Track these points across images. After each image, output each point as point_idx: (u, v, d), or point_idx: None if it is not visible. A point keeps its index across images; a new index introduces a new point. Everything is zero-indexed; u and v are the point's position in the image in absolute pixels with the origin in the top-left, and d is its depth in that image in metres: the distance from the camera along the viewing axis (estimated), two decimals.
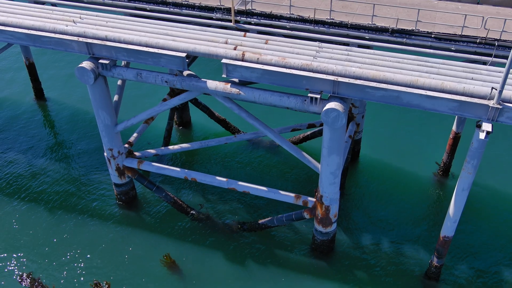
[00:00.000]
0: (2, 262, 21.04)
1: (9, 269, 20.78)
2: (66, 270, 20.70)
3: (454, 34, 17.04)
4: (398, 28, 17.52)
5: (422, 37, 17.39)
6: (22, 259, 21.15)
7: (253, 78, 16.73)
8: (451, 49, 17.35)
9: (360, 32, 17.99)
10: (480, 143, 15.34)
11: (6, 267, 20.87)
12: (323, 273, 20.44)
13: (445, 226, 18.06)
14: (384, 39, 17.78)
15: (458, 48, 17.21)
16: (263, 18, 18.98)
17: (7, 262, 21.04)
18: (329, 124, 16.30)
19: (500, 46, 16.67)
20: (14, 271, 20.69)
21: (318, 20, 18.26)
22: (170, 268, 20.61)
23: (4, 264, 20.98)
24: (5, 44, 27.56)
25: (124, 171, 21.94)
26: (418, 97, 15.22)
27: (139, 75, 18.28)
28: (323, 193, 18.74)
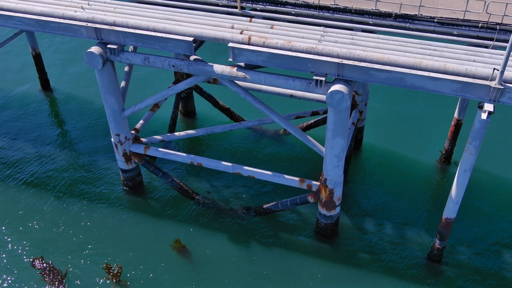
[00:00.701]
0: (13, 246, 21.38)
1: (19, 253, 21.11)
2: (76, 254, 21.03)
3: (456, 19, 17.33)
4: (402, 13, 17.81)
5: (425, 22, 17.67)
6: (32, 244, 21.49)
7: (259, 61, 17.04)
8: (453, 34, 17.63)
9: (364, 18, 18.28)
10: (482, 123, 15.65)
11: (17, 251, 21.20)
12: (327, 256, 20.78)
13: (447, 208, 18.38)
14: (388, 24, 18.06)
15: (461, 33, 17.50)
16: (268, 4, 19.25)
17: (18, 247, 21.38)
18: (333, 106, 16.61)
19: (501, 30, 16.95)
20: (23, 255, 21.02)
21: (322, 6, 18.55)
22: (180, 253, 20.93)
23: (15, 249, 21.32)
24: (12, 34, 27.98)
25: (131, 157, 22.26)
26: (422, 79, 15.55)
27: (146, 59, 18.61)
28: (327, 176, 19.05)
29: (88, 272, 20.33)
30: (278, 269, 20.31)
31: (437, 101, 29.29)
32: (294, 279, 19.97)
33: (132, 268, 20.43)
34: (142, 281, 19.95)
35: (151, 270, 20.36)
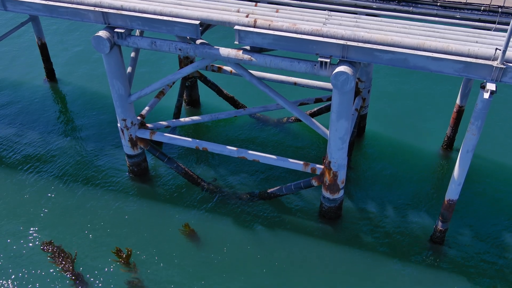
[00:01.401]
0: (21, 231, 21.66)
1: (28, 238, 21.37)
2: (84, 238, 21.27)
3: (459, 2, 17.59)
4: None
5: (428, 6, 17.92)
6: (40, 229, 21.74)
7: (264, 44, 17.32)
8: (456, 17, 17.88)
9: (368, 2, 18.51)
10: (484, 103, 15.92)
11: (26, 236, 21.46)
12: (330, 238, 21.08)
13: (449, 189, 18.65)
14: (391, 8, 18.30)
15: (463, 16, 17.74)
16: None
17: (26, 231, 21.64)
18: (338, 87, 16.89)
19: (503, 13, 17.19)
20: (32, 239, 21.31)
21: None
22: (189, 237, 21.19)
23: (23, 233, 21.57)
24: (19, 23, 28.30)
25: (137, 142, 22.54)
26: (425, 59, 15.82)
27: (153, 43, 18.89)
28: (331, 159, 19.33)
29: (97, 255, 20.59)
30: (283, 250, 20.61)
31: (440, 87, 29.65)
32: (300, 259, 20.26)
33: (141, 252, 20.69)
34: (152, 265, 20.20)
35: (160, 254, 20.61)
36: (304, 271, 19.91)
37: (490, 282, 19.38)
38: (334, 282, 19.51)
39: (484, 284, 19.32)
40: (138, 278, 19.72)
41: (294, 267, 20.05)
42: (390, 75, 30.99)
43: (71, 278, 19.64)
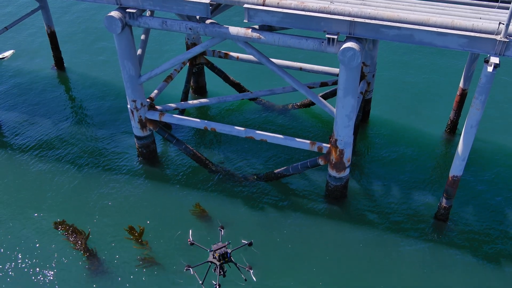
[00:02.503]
0: (34, 212, 22.08)
1: (40, 219, 21.80)
2: (96, 219, 21.67)
3: None
4: None
5: None
6: (52, 210, 22.16)
7: (273, 22, 17.76)
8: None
9: None
10: (488, 77, 16.35)
11: (39, 216, 21.90)
12: (336, 216, 21.49)
13: (454, 165, 19.06)
14: None
15: None
16: None
17: (39, 213, 22.08)
18: (345, 63, 17.32)
19: None
20: (45, 219, 21.73)
21: None
22: (200, 217, 21.58)
23: (36, 214, 22.01)
24: (29, 11, 28.78)
25: (146, 124, 22.96)
26: (430, 35, 16.25)
27: (164, 23, 19.34)
28: (337, 136, 19.75)
29: (109, 233, 20.98)
30: (292, 230, 21.04)
31: (443, 71, 30.27)
32: (308, 238, 20.71)
33: (153, 231, 21.10)
34: (164, 243, 20.59)
35: (172, 232, 21.00)
36: (313, 249, 20.29)
37: (494, 257, 19.77)
38: (342, 260, 19.89)
39: (488, 259, 19.71)
40: (150, 255, 20.11)
41: (303, 244, 20.44)
42: (395, 60, 31.57)
43: (84, 254, 20.05)
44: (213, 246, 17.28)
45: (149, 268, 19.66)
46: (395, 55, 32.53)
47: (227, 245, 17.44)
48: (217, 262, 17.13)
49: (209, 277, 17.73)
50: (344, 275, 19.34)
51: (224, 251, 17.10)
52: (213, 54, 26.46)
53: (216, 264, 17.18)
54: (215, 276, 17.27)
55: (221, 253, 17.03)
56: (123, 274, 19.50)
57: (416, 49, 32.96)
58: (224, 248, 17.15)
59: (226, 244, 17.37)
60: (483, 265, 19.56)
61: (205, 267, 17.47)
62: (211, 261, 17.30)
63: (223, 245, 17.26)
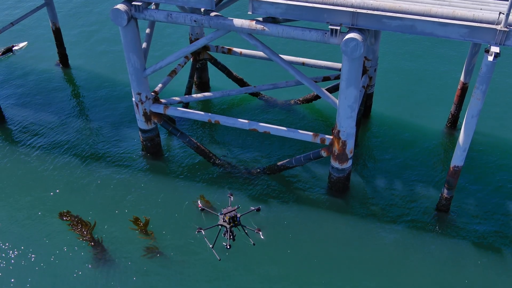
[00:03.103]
0: (41, 205, 22.35)
1: (47, 210, 22.07)
2: (101, 211, 21.88)
3: None
4: None
5: None
6: (57, 201, 22.42)
7: (277, 13, 18.06)
8: None
9: None
10: (489, 66, 16.61)
11: (45, 208, 22.16)
12: (339, 209, 21.73)
13: (455, 155, 19.29)
14: None
15: None
16: None
17: (45, 205, 22.33)
18: (348, 54, 17.60)
19: None
20: (51, 210, 21.99)
21: None
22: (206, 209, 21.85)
23: (43, 206, 22.27)
24: (34, 8, 29.11)
25: (151, 117, 23.23)
26: (431, 25, 16.54)
27: (169, 15, 19.63)
28: (340, 127, 20.00)
29: (115, 224, 21.19)
30: (296, 222, 21.26)
31: (444, 65, 30.65)
32: (309, 229, 20.92)
33: (157, 222, 21.33)
34: (169, 234, 20.81)
35: (177, 224, 21.24)
36: (315, 240, 20.50)
37: (495, 247, 19.99)
38: (345, 251, 20.10)
39: (489, 249, 19.92)
40: (155, 245, 20.33)
41: (308, 236, 20.68)
42: (396, 54, 31.93)
43: (89, 244, 20.29)
44: (223, 210, 18.40)
45: (155, 258, 19.88)
46: (396, 48, 32.93)
47: (236, 209, 18.48)
48: (227, 225, 18.24)
49: (219, 241, 18.47)
50: (345, 266, 19.56)
51: (234, 214, 18.22)
52: (217, 49, 26.75)
53: (226, 227, 18.25)
54: (224, 241, 18.01)
55: (231, 216, 18.16)
56: (129, 264, 19.72)
57: (417, 41, 33.45)
58: (233, 212, 18.26)
59: (235, 208, 18.43)
60: (485, 255, 19.73)
61: (214, 238, 18.31)
62: (221, 224, 18.43)
63: (233, 209, 18.35)
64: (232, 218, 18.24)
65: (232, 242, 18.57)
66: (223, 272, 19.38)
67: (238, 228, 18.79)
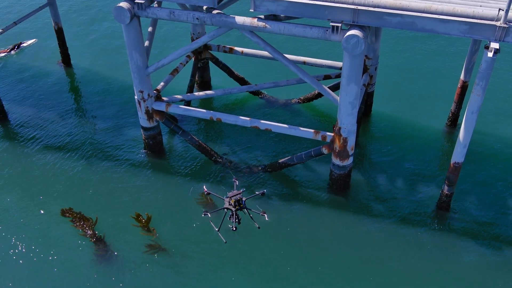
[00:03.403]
0: (43, 200, 22.56)
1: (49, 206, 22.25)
2: (102, 208, 22.01)
3: None
4: None
5: None
6: (59, 199, 22.58)
7: (278, 10, 18.22)
8: None
9: None
10: (489, 62, 16.76)
11: (47, 205, 22.35)
12: (340, 207, 21.86)
13: (455, 152, 19.42)
14: None
15: None
16: None
17: (48, 202, 22.52)
18: (349, 50, 17.75)
19: None
20: (53, 207, 22.13)
21: None
22: (206, 205, 21.95)
23: (44, 202, 22.48)
24: (37, 7, 29.32)
25: (153, 115, 23.37)
26: (432, 22, 16.70)
27: (172, 13, 19.81)
28: (341, 124, 20.14)
29: (117, 221, 21.31)
30: (296, 219, 21.40)
31: (444, 64, 31.04)
32: (310, 226, 21.07)
33: (159, 219, 21.47)
34: (171, 230, 20.96)
35: (179, 220, 21.39)
36: (317, 239, 20.61)
37: (495, 245, 20.09)
38: (345, 250, 20.20)
39: (489, 247, 20.03)
40: (157, 242, 20.45)
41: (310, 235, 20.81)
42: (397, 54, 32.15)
43: (91, 240, 20.41)
44: (229, 193, 18.94)
45: (156, 254, 20.00)
46: (396, 46, 33.17)
47: (242, 193, 19.03)
48: (232, 208, 18.70)
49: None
50: (345, 264, 19.66)
51: (239, 198, 18.74)
52: (218, 49, 26.93)
53: (232, 210, 18.69)
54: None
55: (237, 199, 18.67)
56: (131, 260, 19.84)
57: (418, 40, 33.75)
58: (239, 195, 18.77)
59: (241, 191, 18.94)
60: (485, 252, 19.83)
61: (220, 221, 18.96)
62: (227, 208, 18.89)
63: (238, 192, 18.87)
64: (238, 201, 18.75)
65: (236, 231, 18.72)
66: (225, 268, 19.59)
67: (244, 211, 19.17)
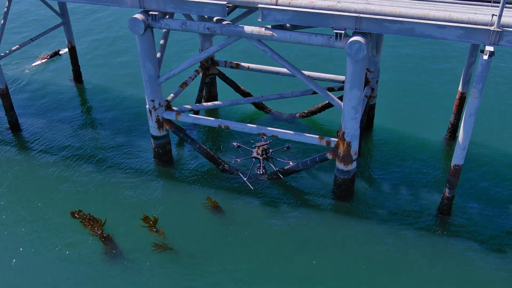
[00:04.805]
0: (56, 203, 23.28)
1: (59, 210, 22.93)
2: (112, 211, 22.76)
3: None
4: None
5: None
6: (70, 203, 23.29)
7: (285, 20, 19.35)
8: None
9: None
10: (484, 66, 17.71)
11: (57, 208, 23.08)
12: (345, 213, 22.50)
13: (455, 154, 20.17)
14: None
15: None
16: None
17: (58, 205, 23.27)
18: (352, 56, 18.77)
19: None
20: (63, 210, 22.78)
21: None
22: (213, 210, 22.64)
23: (56, 205, 23.19)
24: (52, 26, 30.67)
25: (163, 124, 24.26)
26: (430, 27, 17.76)
27: (184, 24, 20.96)
28: (345, 129, 20.98)
29: (125, 222, 22.07)
30: (302, 225, 22.01)
31: (443, 77, 32.29)
32: (319, 233, 21.64)
33: (167, 221, 22.14)
34: (177, 232, 21.60)
35: (185, 224, 22.09)
36: (323, 244, 21.13)
37: (496, 250, 20.56)
38: (350, 254, 20.72)
39: (490, 251, 20.48)
40: (164, 241, 21.01)
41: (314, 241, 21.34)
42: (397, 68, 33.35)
43: (100, 239, 21.01)
44: (257, 144, 20.74)
45: (164, 253, 20.59)
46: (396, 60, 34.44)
47: (269, 143, 20.83)
48: (260, 157, 20.37)
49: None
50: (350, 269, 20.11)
51: (267, 147, 20.50)
52: (225, 64, 28.07)
53: (259, 159, 20.42)
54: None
55: (264, 148, 20.46)
56: (138, 258, 20.42)
57: (417, 54, 35.06)
58: (266, 145, 20.43)
59: (268, 142, 20.61)
60: (485, 257, 20.27)
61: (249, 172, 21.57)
62: (254, 157, 20.61)
63: (266, 142, 20.55)
64: (265, 150, 20.47)
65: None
66: (229, 265, 20.11)
67: (269, 161, 21.15)
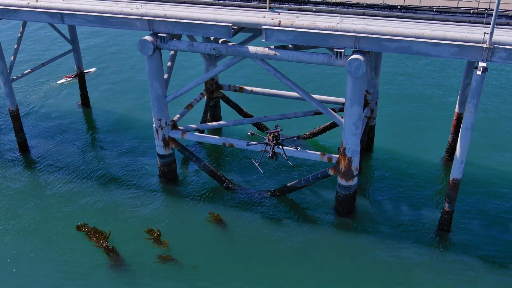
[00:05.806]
0: (59, 217, 23.84)
1: (65, 223, 23.46)
2: (117, 225, 23.29)
3: (451, 7, 20.81)
4: (405, 5, 21.35)
5: (426, 11, 21.09)
6: (76, 217, 23.88)
7: (288, 40, 20.35)
8: (450, 20, 20.97)
9: (374, 10, 21.77)
10: (478, 81, 18.56)
11: (63, 221, 23.65)
12: (346, 229, 22.96)
13: (453, 169, 20.78)
14: (394, 14, 21.43)
15: (456, 18, 20.77)
16: (293, 4, 22.89)
17: (64, 218, 23.86)
18: (352, 73, 19.66)
19: (489, 14, 20.30)
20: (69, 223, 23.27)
21: (339, 2, 22.11)
22: (217, 224, 23.18)
23: (62, 220, 23.74)
24: (62, 52, 31.83)
25: (169, 142, 24.98)
26: (426, 45, 18.71)
27: (191, 45, 21.97)
28: (346, 145, 21.67)
29: (129, 235, 22.62)
30: (303, 240, 22.45)
31: (439, 97, 33.58)
32: (320, 248, 22.06)
33: (171, 234, 22.64)
34: (181, 245, 22.06)
35: (189, 237, 22.63)
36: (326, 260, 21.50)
37: (496, 264, 20.91)
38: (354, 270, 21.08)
39: (491, 266, 20.84)
40: (167, 253, 21.46)
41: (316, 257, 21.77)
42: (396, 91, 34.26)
43: (105, 251, 21.47)
44: (269, 130, 21.48)
45: (168, 264, 21.02)
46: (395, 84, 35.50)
47: (280, 130, 21.44)
48: (271, 143, 21.29)
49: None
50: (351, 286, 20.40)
51: (278, 134, 21.22)
52: (229, 88, 29.03)
53: (270, 145, 21.32)
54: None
55: (275, 135, 21.14)
56: (143, 269, 20.86)
57: (418, 78, 36.41)
58: (277, 132, 21.20)
59: (279, 130, 21.27)
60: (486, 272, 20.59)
61: (261, 157, 22.10)
62: (266, 143, 21.55)
63: (277, 130, 21.24)
64: (276, 136, 21.14)
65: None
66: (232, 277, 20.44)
67: (280, 147, 21.61)
